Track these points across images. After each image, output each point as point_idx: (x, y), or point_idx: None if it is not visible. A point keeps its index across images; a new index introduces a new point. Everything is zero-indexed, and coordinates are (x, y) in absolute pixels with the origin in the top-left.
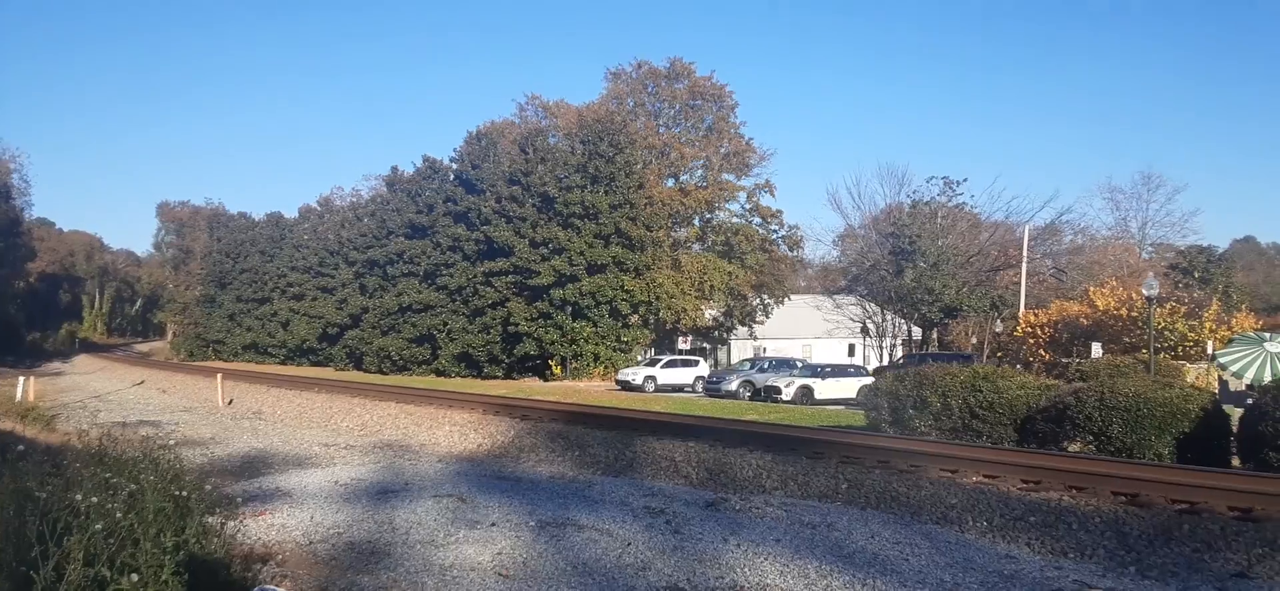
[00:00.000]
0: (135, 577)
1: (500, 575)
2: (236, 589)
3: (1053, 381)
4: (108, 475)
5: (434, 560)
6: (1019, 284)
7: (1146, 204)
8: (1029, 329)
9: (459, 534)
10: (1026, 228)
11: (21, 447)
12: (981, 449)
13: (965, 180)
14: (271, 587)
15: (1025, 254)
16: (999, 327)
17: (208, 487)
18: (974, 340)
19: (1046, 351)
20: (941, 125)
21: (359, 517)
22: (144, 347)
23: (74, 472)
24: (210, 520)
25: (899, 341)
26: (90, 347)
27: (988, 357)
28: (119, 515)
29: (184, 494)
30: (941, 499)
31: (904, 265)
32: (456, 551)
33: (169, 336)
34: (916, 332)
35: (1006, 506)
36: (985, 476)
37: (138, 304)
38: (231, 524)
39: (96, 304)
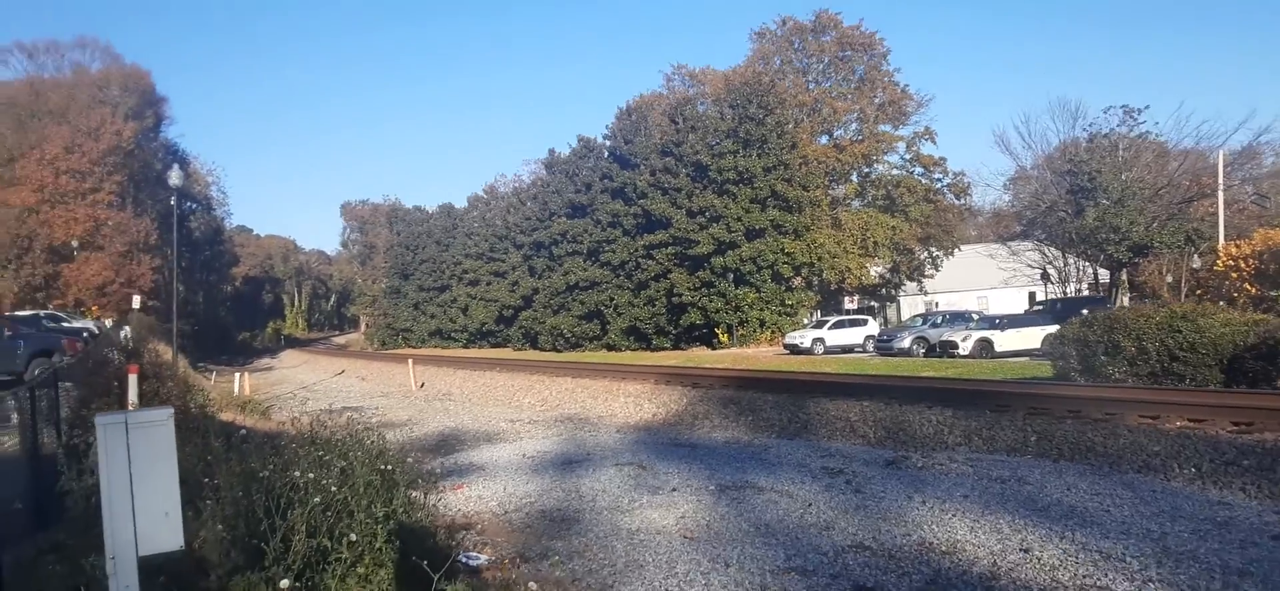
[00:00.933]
0: (352, 539)
1: (685, 537)
2: (441, 555)
3: (1263, 316)
4: (321, 453)
5: (621, 524)
6: (1216, 214)
7: None
8: (1231, 262)
9: (642, 499)
10: (1221, 153)
11: (243, 433)
12: (1184, 392)
13: (1147, 107)
14: (474, 555)
15: (1221, 181)
16: (1196, 263)
17: (409, 460)
18: (1169, 278)
19: (1252, 284)
20: (1115, 49)
21: (547, 487)
22: (341, 340)
23: (292, 453)
24: (414, 494)
25: (1084, 285)
26: (294, 343)
27: (1186, 296)
28: (334, 489)
29: (389, 468)
30: (1142, 446)
31: (1085, 204)
32: (641, 516)
33: (362, 328)
34: (1103, 275)
35: (1216, 450)
36: (1190, 420)
37: (332, 299)
38: (432, 496)
39: (295, 302)
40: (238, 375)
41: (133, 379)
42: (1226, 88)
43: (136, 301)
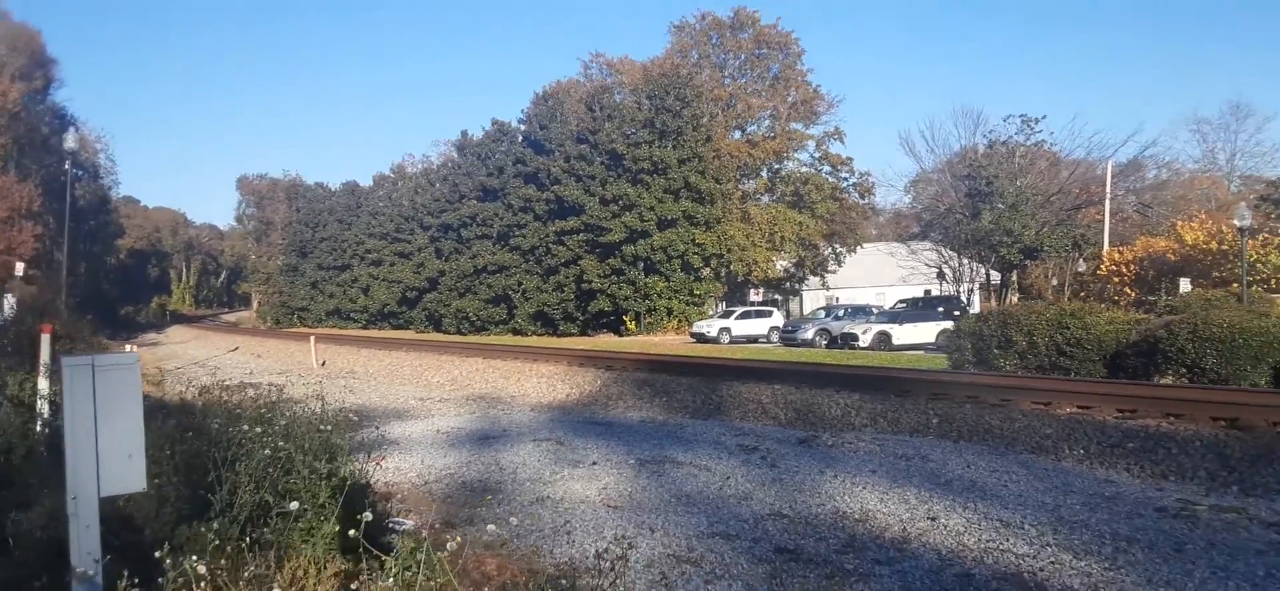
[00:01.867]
0: (296, 506)
1: (609, 506)
2: (378, 517)
3: (1141, 316)
4: (264, 411)
5: (544, 494)
6: (1102, 222)
7: (1235, 135)
8: (1113, 267)
9: (563, 472)
10: (1109, 164)
11: (149, 403)
12: (1073, 381)
13: (1043, 117)
14: (403, 521)
15: (1108, 191)
16: (1081, 267)
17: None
18: (1053, 280)
19: (1131, 289)
20: (1017, 63)
21: (466, 461)
22: (231, 317)
23: (239, 408)
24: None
25: (977, 285)
26: (180, 319)
27: (1069, 297)
28: (281, 443)
29: (329, 430)
30: (1035, 430)
31: (981, 207)
32: (564, 487)
33: (255, 305)
34: (995, 276)
35: (1102, 434)
36: (1079, 407)
37: (222, 275)
38: (356, 465)
39: (183, 277)
40: (128, 347)
41: (46, 338)
42: (1118, 103)
43: (19, 269)
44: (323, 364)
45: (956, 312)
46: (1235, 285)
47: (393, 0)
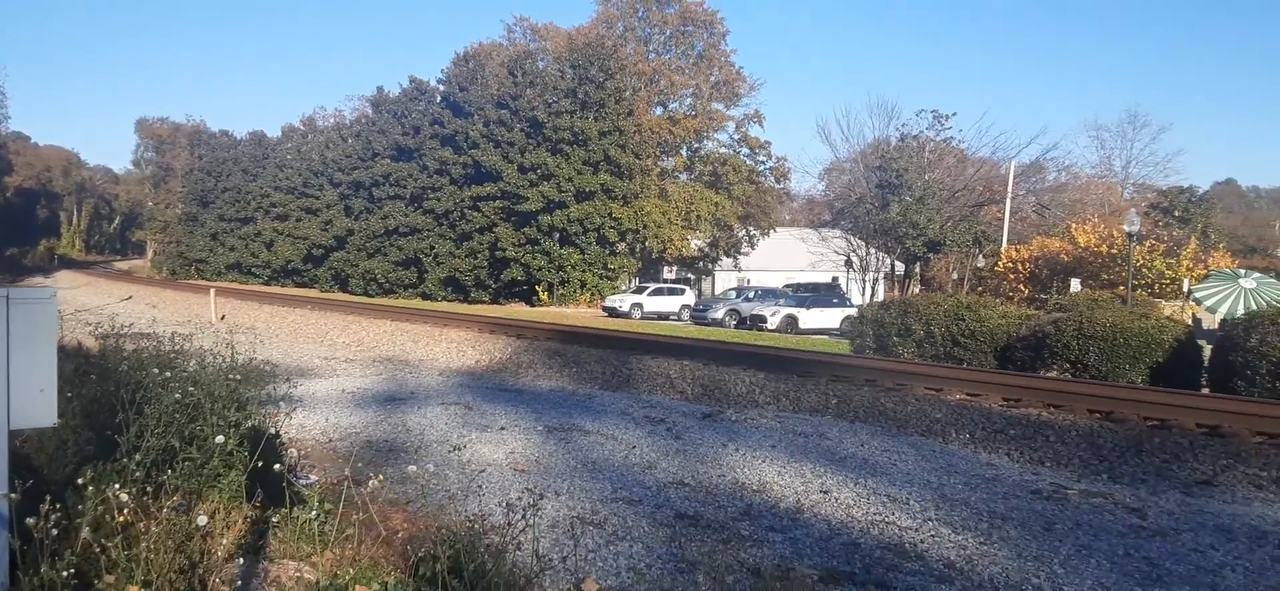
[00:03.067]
0: (219, 439)
1: (516, 470)
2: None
3: (1032, 312)
4: (172, 357)
5: (451, 457)
6: (1002, 220)
7: (1131, 143)
8: (1010, 264)
9: (471, 436)
10: (1012, 164)
11: None
12: (964, 370)
13: (954, 114)
14: (305, 475)
15: (1010, 190)
16: (981, 262)
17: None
18: (954, 274)
19: (1026, 286)
20: (932, 58)
21: (372, 420)
22: (124, 265)
23: (146, 353)
24: (264, 406)
25: (882, 275)
26: (70, 264)
27: (969, 291)
28: (191, 389)
29: (237, 378)
30: (926, 414)
31: (890, 199)
32: (472, 450)
33: (149, 254)
34: (899, 267)
35: (988, 421)
36: (968, 395)
37: (116, 221)
38: (263, 417)
39: (74, 220)
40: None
41: None
42: (1024, 105)
43: None
44: (222, 318)
45: (835, 300)
46: (1122, 288)
47: None
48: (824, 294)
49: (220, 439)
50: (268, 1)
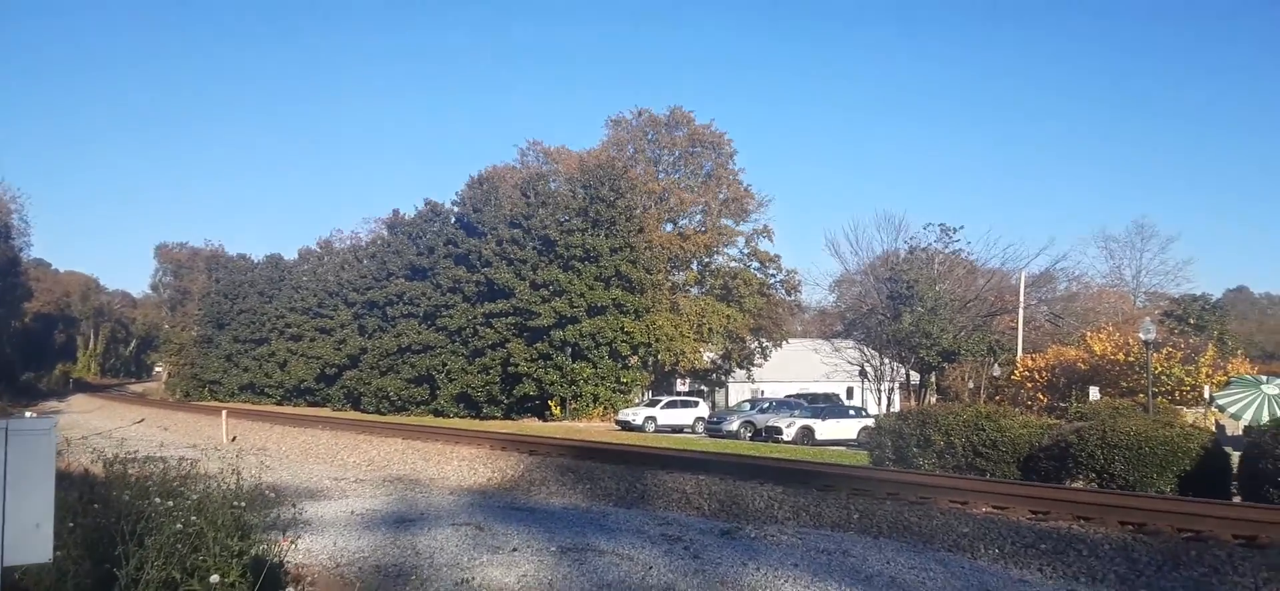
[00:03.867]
0: (214, 578)
1: None
2: None
3: (1054, 421)
4: (175, 484)
5: (461, 580)
6: (1015, 329)
7: (1140, 253)
8: (1027, 373)
9: (482, 558)
10: (1022, 274)
11: None
12: (989, 482)
13: (962, 227)
14: None
15: (1021, 299)
16: (996, 371)
17: (271, 497)
18: (970, 383)
19: (1044, 395)
20: (939, 173)
21: (381, 544)
22: (138, 388)
23: (151, 481)
24: (269, 534)
25: (897, 384)
26: (84, 387)
27: (986, 400)
28: (193, 518)
29: (242, 505)
30: (952, 527)
31: (902, 309)
32: (482, 573)
33: (164, 377)
34: (914, 376)
35: (1017, 534)
36: (994, 507)
37: (132, 344)
38: (268, 545)
39: (91, 344)
40: (29, 414)
41: None
42: (1031, 217)
43: None
44: (233, 439)
45: (851, 411)
46: (1141, 395)
47: (331, 76)
48: (825, 404)
49: (215, 578)
50: (288, 127)
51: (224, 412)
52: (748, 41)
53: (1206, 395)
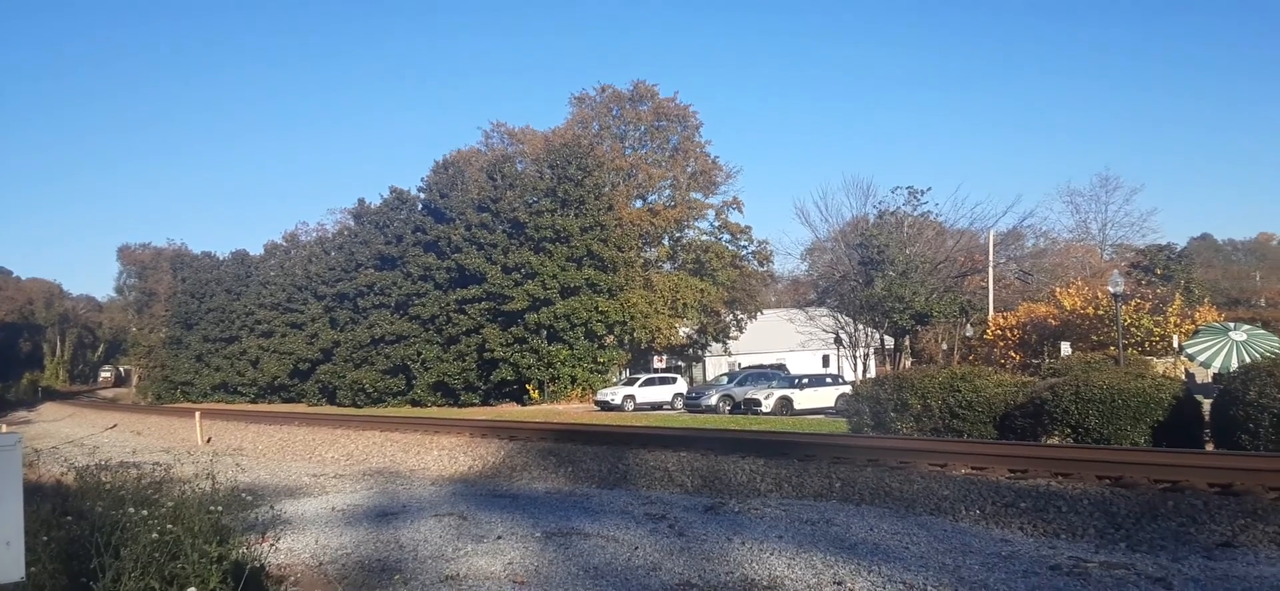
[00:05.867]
0: (188, 584)
1: (515, 582)
2: None
3: (1028, 379)
4: (149, 492)
5: (446, 572)
6: (986, 289)
7: (1105, 205)
8: (999, 331)
9: (467, 547)
10: (990, 233)
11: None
12: (967, 443)
13: (929, 189)
14: None
15: (991, 258)
16: (969, 332)
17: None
18: (944, 345)
19: (1016, 352)
20: (905, 136)
21: (363, 538)
22: (109, 393)
23: (125, 489)
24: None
25: (872, 350)
26: (53, 396)
27: (958, 361)
28: (170, 526)
29: (218, 509)
30: (933, 491)
31: (873, 275)
32: (467, 563)
33: (135, 381)
34: (888, 341)
35: (997, 494)
36: (973, 468)
37: (100, 349)
38: (248, 547)
39: (57, 351)
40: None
41: None
42: (997, 175)
43: None
44: (208, 441)
45: (787, 380)
46: (1112, 348)
47: (286, 66)
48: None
49: (193, 589)
50: (246, 121)
51: (198, 414)
52: (707, 11)
53: (1176, 345)
